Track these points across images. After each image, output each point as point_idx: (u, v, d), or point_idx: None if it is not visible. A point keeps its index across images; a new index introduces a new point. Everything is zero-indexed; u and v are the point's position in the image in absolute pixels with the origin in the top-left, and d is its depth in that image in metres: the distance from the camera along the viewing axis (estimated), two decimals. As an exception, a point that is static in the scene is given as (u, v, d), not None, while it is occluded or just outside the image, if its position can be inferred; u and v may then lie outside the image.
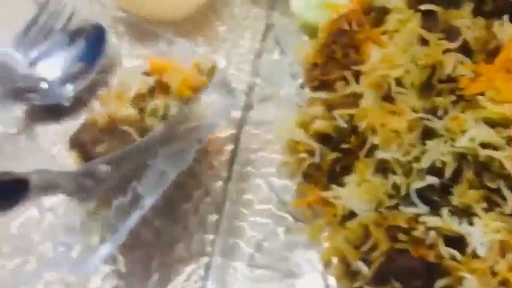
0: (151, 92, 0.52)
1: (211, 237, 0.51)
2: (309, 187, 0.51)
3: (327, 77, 0.55)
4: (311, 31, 0.64)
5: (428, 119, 0.45)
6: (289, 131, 0.52)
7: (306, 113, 0.52)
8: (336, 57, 0.55)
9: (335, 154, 0.49)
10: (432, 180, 0.44)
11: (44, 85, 0.59)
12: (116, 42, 0.66)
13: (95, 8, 0.65)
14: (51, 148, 0.58)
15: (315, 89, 0.56)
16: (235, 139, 0.54)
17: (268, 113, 0.57)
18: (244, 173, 0.53)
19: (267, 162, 0.55)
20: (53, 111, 0.60)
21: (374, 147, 0.47)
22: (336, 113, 0.48)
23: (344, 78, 0.53)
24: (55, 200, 0.53)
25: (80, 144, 0.49)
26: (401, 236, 0.43)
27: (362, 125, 0.47)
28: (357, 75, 0.52)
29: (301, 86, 0.60)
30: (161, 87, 0.52)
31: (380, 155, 0.46)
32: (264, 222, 0.52)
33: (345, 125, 0.48)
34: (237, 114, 0.58)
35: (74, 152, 0.50)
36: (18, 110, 0.60)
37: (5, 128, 0.59)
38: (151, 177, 0.50)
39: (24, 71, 0.60)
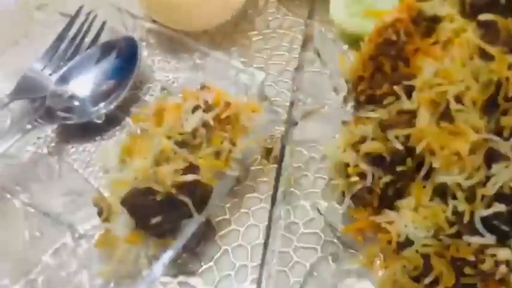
0: (207, 128, 0.48)
1: (255, 263, 0.49)
2: (359, 211, 0.48)
3: (374, 92, 0.52)
4: (352, 40, 0.60)
5: (492, 140, 0.42)
6: (337, 152, 0.49)
7: (354, 132, 0.49)
8: (384, 70, 0.52)
9: (388, 177, 0.46)
10: (500, 207, 0.40)
11: (75, 103, 0.57)
12: (147, 54, 0.63)
13: (126, 19, 0.63)
14: (85, 169, 0.55)
15: (362, 104, 0.53)
16: (279, 158, 0.50)
17: (311, 129, 0.54)
18: (288, 194, 0.50)
19: (312, 183, 0.52)
20: (85, 130, 0.57)
21: (432, 170, 0.44)
22: (391, 133, 0.45)
23: (394, 93, 0.50)
24: (88, 227, 0.51)
25: (133, 210, 0.46)
26: (468, 269, 0.40)
27: (420, 147, 0.44)
28: (408, 90, 0.49)
29: (345, 100, 0.56)
30: (220, 123, 0.49)
31: (440, 179, 0.43)
32: (311, 248, 0.48)
33: (400, 147, 0.44)
34: (278, 130, 0.56)
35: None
36: (49, 129, 0.58)
37: (36, 149, 0.57)
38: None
39: (54, 88, 0.57)
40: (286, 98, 0.59)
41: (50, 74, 0.59)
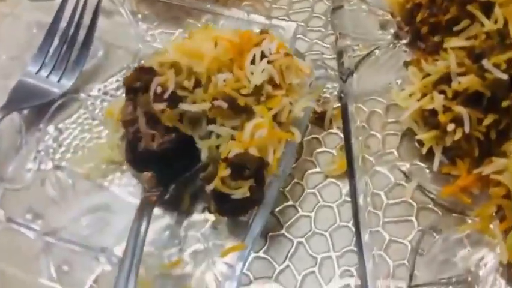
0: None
1: (338, 253, 0.40)
2: (458, 166, 0.39)
3: (439, 18, 0.42)
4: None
5: None
6: (415, 98, 0.40)
7: (431, 70, 0.39)
8: (447, -11, 0.42)
9: (491, 117, 0.37)
10: None
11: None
12: (145, 29, 0.52)
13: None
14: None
15: (425, 36, 0.44)
16: (343, 120, 0.41)
17: (368, 79, 0.45)
18: (363, 160, 0.41)
19: (382, 143, 0.43)
20: (89, 130, 0.47)
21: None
22: (488, 62, 0.36)
23: (468, 16, 0.40)
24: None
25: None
26: None
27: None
28: (485, 8, 0.40)
29: (396, 37, 0.47)
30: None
31: None
32: (405, 221, 0.39)
33: (505, 76, 0.35)
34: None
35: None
36: (49, 139, 0.47)
37: (39, 165, 0.46)
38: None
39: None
40: (321, 49, 0.50)
41: (47, 76, 0.49)
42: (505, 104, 0.36)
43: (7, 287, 0.41)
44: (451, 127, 0.37)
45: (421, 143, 0.40)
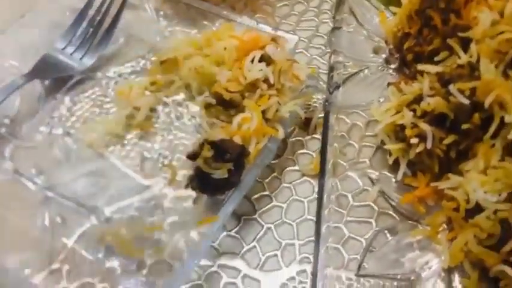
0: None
1: (302, 242, 0.44)
2: (418, 178, 0.43)
3: (423, 48, 0.47)
4: (388, -1, 0.56)
5: None
6: (388, 114, 0.44)
7: (408, 90, 0.44)
8: (432, 24, 0.47)
9: (452, 137, 0.41)
10: None
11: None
12: (165, 25, 0.58)
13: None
14: (106, 148, 0.50)
15: (410, 63, 0.48)
16: (324, 127, 0.46)
17: (351, 94, 0.49)
18: (335, 165, 0.45)
19: (358, 152, 0.47)
20: (101, 106, 0.53)
21: (502, 126, 0.40)
22: (454, 87, 0.40)
23: (447, 48, 0.45)
24: (114, 209, 0.46)
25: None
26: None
27: (488, 100, 0.39)
28: (463, 43, 0.44)
29: (387, 62, 0.52)
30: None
31: (514, 135, 0.38)
32: (365, 222, 0.44)
33: (466, 101, 0.40)
34: (314, 99, 0.51)
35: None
36: (63, 108, 0.53)
37: (50, 129, 0.51)
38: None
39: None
40: (319, 64, 0.55)
41: (71, 54, 0.55)
42: (465, 126, 0.40)
43: (6, 230, 0.46)
44: (414, 140, 0.41)
45: (390, 153, 0.44)
